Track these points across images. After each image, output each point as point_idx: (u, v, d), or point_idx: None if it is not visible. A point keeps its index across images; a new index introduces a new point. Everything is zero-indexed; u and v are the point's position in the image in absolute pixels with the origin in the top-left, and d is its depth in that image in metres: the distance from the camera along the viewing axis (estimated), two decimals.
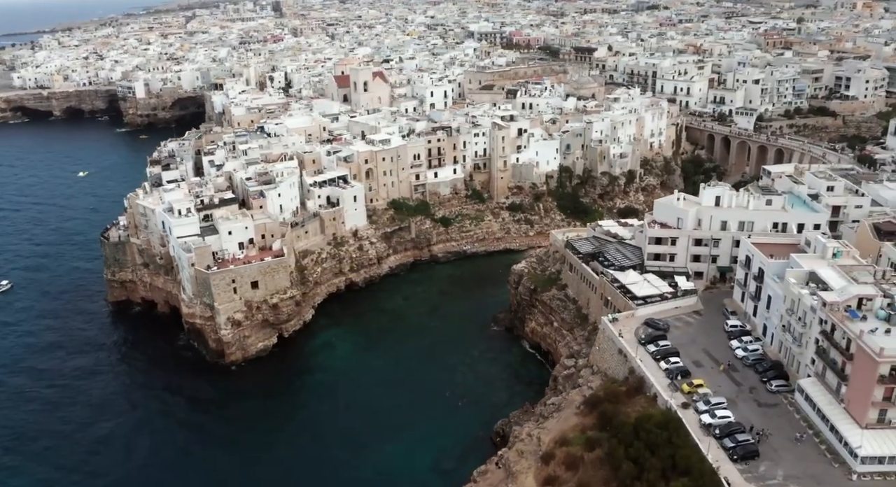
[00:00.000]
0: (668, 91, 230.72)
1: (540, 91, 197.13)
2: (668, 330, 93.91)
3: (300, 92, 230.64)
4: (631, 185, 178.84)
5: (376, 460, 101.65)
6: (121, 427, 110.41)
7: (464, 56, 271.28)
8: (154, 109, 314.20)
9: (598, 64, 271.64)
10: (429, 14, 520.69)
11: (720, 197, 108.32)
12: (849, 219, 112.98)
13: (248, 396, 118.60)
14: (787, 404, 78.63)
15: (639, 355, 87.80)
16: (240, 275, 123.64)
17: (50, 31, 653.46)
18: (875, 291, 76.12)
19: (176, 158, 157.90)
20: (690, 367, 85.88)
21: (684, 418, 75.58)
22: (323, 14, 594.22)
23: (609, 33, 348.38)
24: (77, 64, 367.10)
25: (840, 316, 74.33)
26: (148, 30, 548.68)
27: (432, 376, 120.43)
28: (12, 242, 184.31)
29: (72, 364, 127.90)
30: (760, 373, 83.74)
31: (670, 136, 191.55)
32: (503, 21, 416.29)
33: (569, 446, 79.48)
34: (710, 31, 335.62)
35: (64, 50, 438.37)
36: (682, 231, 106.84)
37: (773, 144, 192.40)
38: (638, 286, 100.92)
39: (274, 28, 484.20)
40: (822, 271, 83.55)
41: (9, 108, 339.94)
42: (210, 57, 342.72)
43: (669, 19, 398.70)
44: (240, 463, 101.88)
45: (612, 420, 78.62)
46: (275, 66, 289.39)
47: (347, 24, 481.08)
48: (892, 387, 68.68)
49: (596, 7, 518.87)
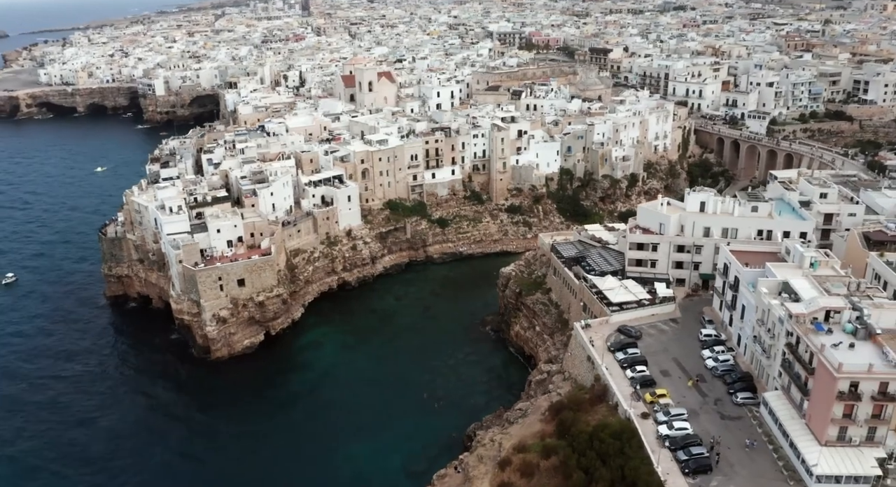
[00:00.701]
0: (680, 93, 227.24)
1: (545, 92, 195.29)
2: (640, 338, 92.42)
3: (309, 91, 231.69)
4: (633, 189, 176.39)
5: (349, 459, 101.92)
6: (103, 416, 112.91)
7: (477, 56, 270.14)
8: (173, 107, 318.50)
9: (613, 65, 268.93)
10: (452, 14, 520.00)
11: (705, 202, 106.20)
12: (841, 227, 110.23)
13: (231, 392, 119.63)
14: (752, 417, 76.72)
15: (605, 362, 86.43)
16: (226, 273, 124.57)
17: (83, 28, 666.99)
18: (844, 304, 73.77)
19: (176, 156, 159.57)
20: (658, 376, 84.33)
21: (642, 428, 74.21)
22: (348, 13, 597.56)
23: (629, 34, 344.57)
24: (101, 61, 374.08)
25: (804, 328, 72.24)
26: (177, 27, 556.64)
27: (414, 377, 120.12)
28: (22, 235, 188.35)
29: (64, 353, 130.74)
30: (728, 385, 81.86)
31: (676, 140, 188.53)
32: (523, 21, 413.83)
33: (526, 453, 78.61)
34: (731, 32, 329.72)
35: (92, 47, 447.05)
36: (663, 237, 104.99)
37: (782, 149, 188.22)
38: (614, 292, 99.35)
39: (298, 27, 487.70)
40: (794, 281, 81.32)
41: (35, 104, 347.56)
42: (230, 55, 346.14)
43: (693, 20, 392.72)
44: (213, 457, 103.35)
45: (569, 429, 77.53)
46: (291, 64, 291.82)
47: (370, 24, 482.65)
48: (852, 405, 66.42)
49: (622, 7, 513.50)
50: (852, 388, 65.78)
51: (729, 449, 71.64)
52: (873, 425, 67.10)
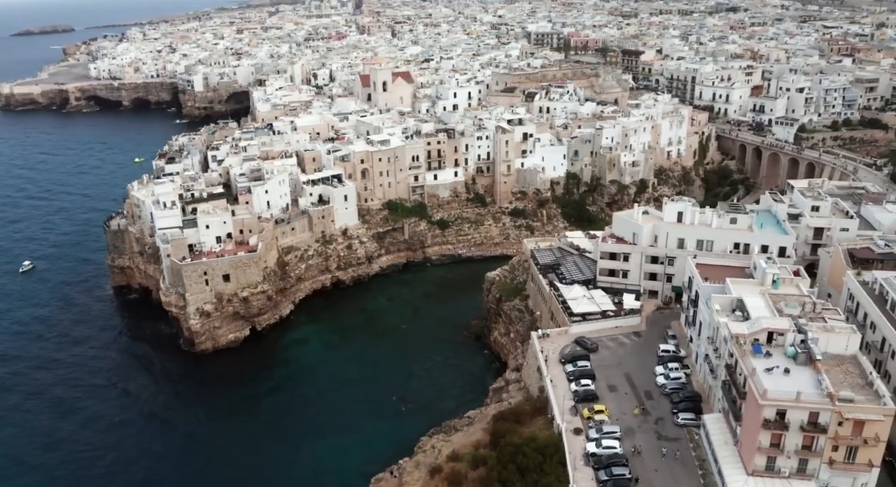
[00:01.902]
0: (706, 97, 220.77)
1: (559, 95, 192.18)
2: (595, 350, 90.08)
3: (330, 89, 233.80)
4: (642, 195, 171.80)
5: (310, 457, 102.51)
6: (79, 401, 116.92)
7: (505, 57, 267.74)
8: (211, 102, 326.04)
9: (645, 68, 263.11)
10: (498, 13, 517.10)
11: (682, 212, 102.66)
12: (832, 242, 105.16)
13: (208, 385, 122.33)
14: (689, 439, 73.68)
15: (551, 374, 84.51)
16: (211, 268, 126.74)
17: (142, 24, 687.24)
18: (788, 326, 70.07)
19: (184, 152, 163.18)
20: (603, 391, 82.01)
21: (570, 445, 72.26)
22: (397, 12, 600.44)
23: (671, 35, 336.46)
24: (148, 57, 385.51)
25: (742, 350, 68.99)
26: (229, 24, 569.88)
27: (390, 379, 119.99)
28: (45, 224, 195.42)
29: (60, 340, 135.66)
30: (674, 404, 78.86)
31: (692, 145, 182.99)
32: (564, 21, 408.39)
33: (457, 462, 77.69)
34: (776, 35, 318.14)
35: (144, 43, 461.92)
36: (635, 247, 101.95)
37: (804, 157, 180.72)
38: (577, 302, 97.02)
39: (343, 25, 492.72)
40: (749, 299, 77.78)
41: (83, 97, 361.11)
42: (270, 53, 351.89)
43: (741, 22, 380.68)
44: (176, 448, 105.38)
45: (499, 440, 76.06)
46: (325, 62, 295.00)
47: (415, 23, 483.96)
48: (780, 434, 62.98)
49: (673, 8, 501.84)
50: (779, 416, 62.40)
51: (656, 472, 69.01)
52: (804, 456, 63.47)
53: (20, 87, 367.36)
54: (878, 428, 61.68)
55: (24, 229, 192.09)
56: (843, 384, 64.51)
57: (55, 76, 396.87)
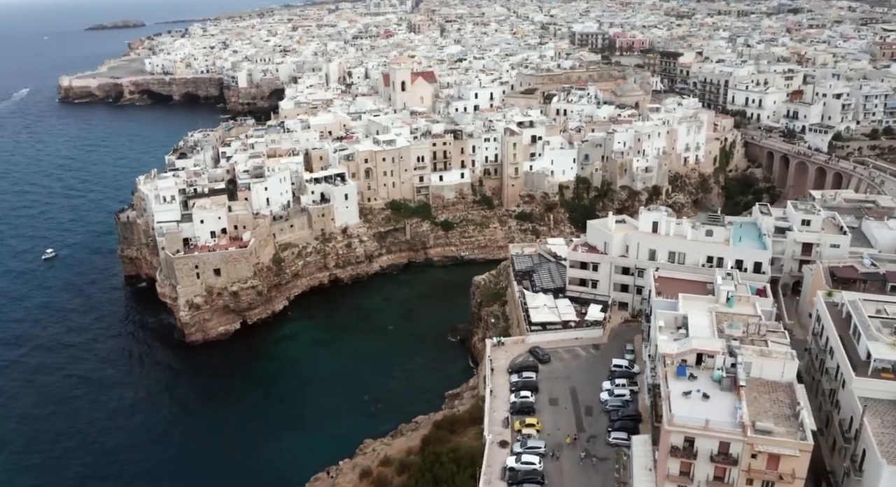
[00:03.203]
0: (739, 102, 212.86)
1: (578, 97, 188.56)
2: (547, 362, 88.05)
3: (356, 88, 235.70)
4: (654, 202, 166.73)
5: (275, 452, 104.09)
6: (61, 382, 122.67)
7: (539, 57, 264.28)
8: (253, 98, 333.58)
9: (682, 70, 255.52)
10: (551, 13, 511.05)
11: (657, 222, 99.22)
12: (821, 258, 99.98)
13: (194, 375, 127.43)
14: (616, 460, 71.14)
15: (496, 384, 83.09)
16: (203, 262, 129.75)
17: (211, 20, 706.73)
18: (719, 348, 66.77)
19: (197, 148, 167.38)
20: (544, 404, 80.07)
21: (491, 457, 70.80)
22: (452, 10, 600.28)
23: (720, 37, 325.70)
24: (200, 53, 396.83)
25: (666, 370, 66.19)
26: (287, 22, 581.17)
27: (369, 378, 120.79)
28: (76, 214, 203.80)
29: (64, 326, 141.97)
30: (611, 422, 76.32)
31: (711, 152, 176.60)
32: (612, 22, 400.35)
33: (387, 466, 77.26)
34: (831, 38, 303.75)
35: (202, 39, 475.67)
36: (604, 257, 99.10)
37: (831, 167, 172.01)
38: (538, 311, 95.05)
39: (394, 23, 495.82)
40: (694, 317, 74.46)
41: (137, 91, 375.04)
42: (314, 50, 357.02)
43: (799, 24, 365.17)
44: (143, 433, 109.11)
45: (427, 447, 75.31)
46: (363, 61, 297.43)
47: (465, 21, 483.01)
48: (689, 463, 60.10)
49: (732, 9, 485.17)
50: (688, 444, 59.55)
51: None
52: None
53: (78, 81, 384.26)
54: (795, 464, 58.07)
55: (55, 217, 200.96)
56: (767, 413, 61.11)
57: (114, 70, 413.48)
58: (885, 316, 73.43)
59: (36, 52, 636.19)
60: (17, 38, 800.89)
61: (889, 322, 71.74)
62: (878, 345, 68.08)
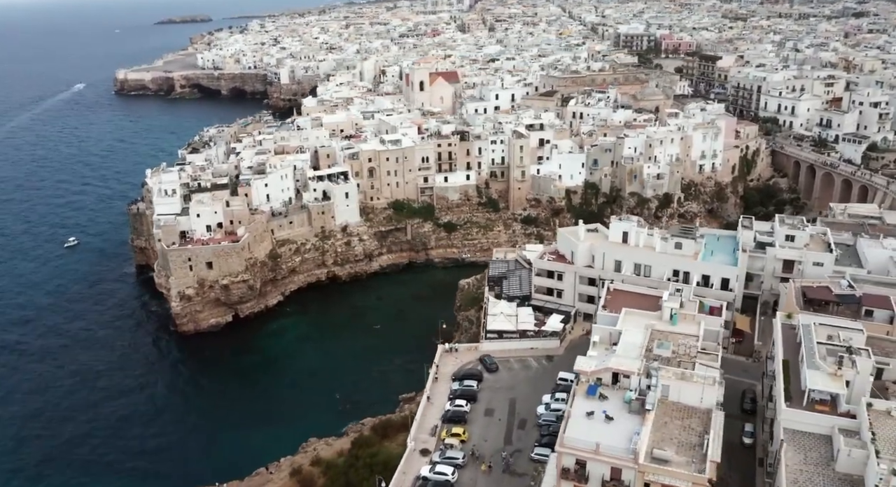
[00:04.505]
0: (771, 108, 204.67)
1: (597, 100, 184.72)
2: (495, 371, 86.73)
3: (382, 87, 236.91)
4: (665, 210, 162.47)
5: (233, 443, 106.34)
6: (51, 363, 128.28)
7: (572, 59, 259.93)
8: (295, 95, 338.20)
9: (720, 74, 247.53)
10: (605, 13, 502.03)
11: (627, 233, 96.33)
12: (802, 276, 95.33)
13: (181, 363, 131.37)
14: (532, 477, 69.37)
15: (438, 391, 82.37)
16: (195, 255, 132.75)
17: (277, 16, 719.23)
18: (635, 369, 64.35)
19: (211, 143, 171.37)
20: (478, 414, 78.89)
21: (408, 465, 70.19)
22: (507, 10, 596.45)
23: (769, 40, 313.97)
24: (249, 49, 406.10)
25: (577, 389, 64.22)
26: (343, 19, 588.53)
27: (344, 376, 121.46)
28: (104, 204, 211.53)
29: (75, 309, 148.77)
30: (540, 436, 74.49)
31: (730, 160, 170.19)
32: (661, 23, 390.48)
33: (316, 466, 77.68)
34: (888, 43, 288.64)
35: (257, 34, 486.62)
36: (569, 266, 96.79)
37: (858, 179, 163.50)
38: (495, 318, 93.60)
39: (444, 22, 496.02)
40: (629, 334, 72.06)
41: (187, 85, 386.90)
42: (357, 48, 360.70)
43: (858, 28, 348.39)
44: (112, 419, 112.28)
45: (352, 450, 75.28)
46: (398, 59, 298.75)
47: (514, 21, 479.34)
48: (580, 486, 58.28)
49: (794, 12, 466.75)
50: (580, 467, 57.63)
51: None
52: None
53: (133, 74, 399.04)
54: None
55: (85, 206, 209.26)
56: (672, 441, 58.66)
57: (169, 64, 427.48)
58: (835, 344, 69.57)
59: (106, 46, 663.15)
60: (91, 32, 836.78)
61: (835, 350, 67.77)
62: (817, 375, 64.60)
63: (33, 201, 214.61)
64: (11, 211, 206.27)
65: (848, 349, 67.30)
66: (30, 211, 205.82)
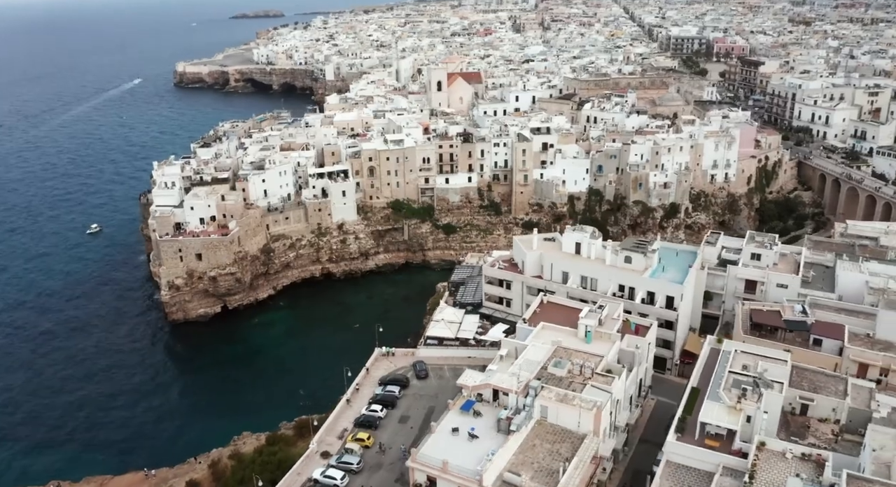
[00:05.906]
0: (805, 117, 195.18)
1: (613, 104, 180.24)
2: (424, 378, 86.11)
3: (408, 86, 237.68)
4: (671, 220, 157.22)
5: (199, 431, 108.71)
6: (45, 344, 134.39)
7: (606, 62, 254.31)
8: (339, 91, 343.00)
9: (762, 80, 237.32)
10: (666, 15, 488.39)
11: (580, 243, 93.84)
12: (766, 298, 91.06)
13: (166, 350, 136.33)
14: None
15: (351, 394, 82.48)
16: (185, 246, 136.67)
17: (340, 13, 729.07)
18: (513, 387, 62.60)
19: (224, 137, 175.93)
20: (392, 420, 78.46)
21: (304, 466, 70.50)
22: (570, 9, 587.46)
23: (826, 46, 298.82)
24: (301, 45, 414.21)
25: (452, 404, 63.13)
26: (404, 16, 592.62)
27: (314, 373, 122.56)
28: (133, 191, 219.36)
29: (79, 290, 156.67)
30: None
31: (745, 170, 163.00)
32: (716, 26, 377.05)
33: (231, 460, 78.85)
34: None
35: (313, 31, 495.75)
36: (517, 276, 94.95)
37: (881, 195, 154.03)
38: (435, 324, 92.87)
39: (499, 22, 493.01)
40: (531, 350, 70.25)
41: (241, 79, 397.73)
42: (402, 47, 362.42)
43: None
44: (95, 392, 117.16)
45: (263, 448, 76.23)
46: (435, 58, 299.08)
47: (570, 21, 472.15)
48: None
49: (867, 17, 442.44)
50: (430, 484, 56.62)
51: None
52: None
53: (192, 67, 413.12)
54: None
55: (114, 194, 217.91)
56: (532, 465, 56.88)
57: (228, 58, 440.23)
58: (747, 374, 66.12)
59: (181, 39, 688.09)
60: (171, 26, 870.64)
61: (742, 381, 64.36)
62: (714, 407, 61.78)
63: (68, 188, 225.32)
64: (46, 196, 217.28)
65: (755, 381, 63.81)
66: (62, 198, 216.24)
